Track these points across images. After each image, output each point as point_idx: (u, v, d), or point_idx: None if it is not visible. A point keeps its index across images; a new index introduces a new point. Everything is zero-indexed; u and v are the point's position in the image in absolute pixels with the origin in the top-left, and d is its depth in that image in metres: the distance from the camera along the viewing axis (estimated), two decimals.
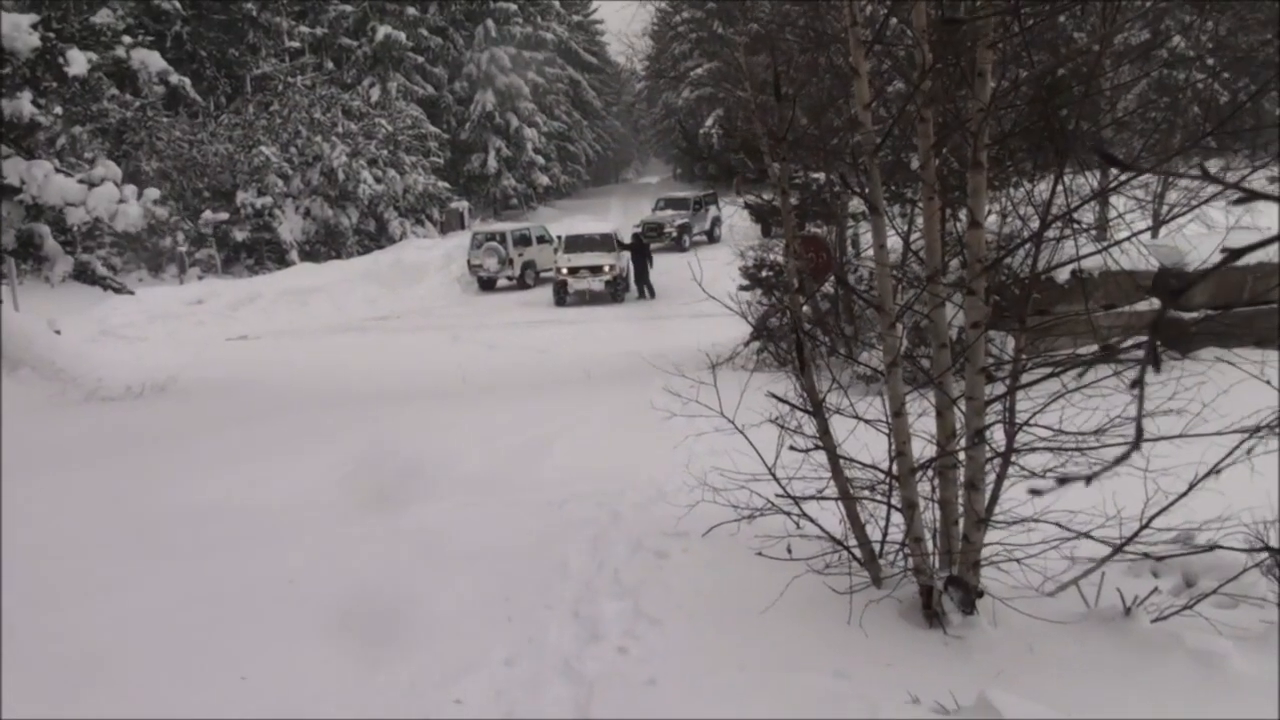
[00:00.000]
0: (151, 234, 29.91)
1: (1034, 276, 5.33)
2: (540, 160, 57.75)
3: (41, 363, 14.46)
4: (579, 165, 70.61)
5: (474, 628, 5.61)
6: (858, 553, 5.69)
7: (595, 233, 32.04)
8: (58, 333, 17.21)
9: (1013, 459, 5.43)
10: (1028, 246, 5.33)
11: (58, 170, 14.51)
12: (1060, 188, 4.99)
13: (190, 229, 35.05)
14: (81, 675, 5.26)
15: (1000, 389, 5.44)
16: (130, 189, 15.23)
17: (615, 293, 28.16)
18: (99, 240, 28.93)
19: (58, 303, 20.26)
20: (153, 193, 16.07)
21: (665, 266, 27.65)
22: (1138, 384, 1.60)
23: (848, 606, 5.28)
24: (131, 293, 18.90)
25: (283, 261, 38.38)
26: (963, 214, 5.71)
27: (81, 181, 14.67)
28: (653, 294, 27.89)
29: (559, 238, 32.84)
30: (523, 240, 33.08)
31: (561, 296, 28.38)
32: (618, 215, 53.00)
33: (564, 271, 28.83)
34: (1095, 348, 5.55)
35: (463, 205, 49.66)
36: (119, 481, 9.31)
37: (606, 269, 28.40)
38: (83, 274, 16.41)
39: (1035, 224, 5.48)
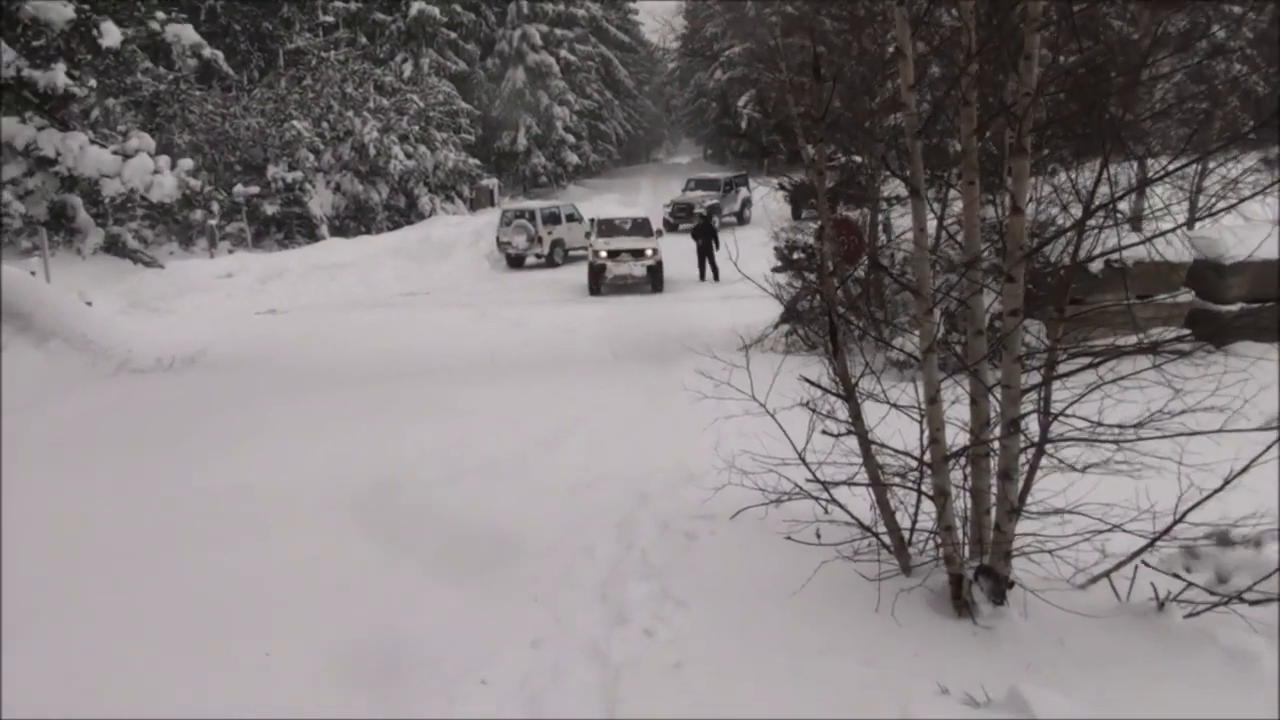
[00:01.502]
0: (185, 206, 30.03)
1: (1074, 265, 5.26)
2: (570, 139, 57.67)
3: (72, 334, 14.50)
4: (609, 144, 70.44)
5: (500, 609, 5.60)
6: (887, 540, 5.65)
7: (630, 216, 30.45)
8: (89, 304, 17.29)
9: (1047, 450, 5.37)
10: (1068, 235, 5.27)
11: (93, 142, 14.54)
12: (1105, 176, 4.91)
13: (224, 200, 35.14)
14: (107, 654, 5.27)
15: (1036, 378, 5.38)
16: (164, 160, 15.28)
17: (656, 281, 25.88)
18: (130, 213, 29.03)
19: (89, 275, 20.35)
20: (186, 164, 16.13)
21: (694, 247, 27.47)
22: None
23: (876, 594, 5.24)
24: (162, 266, 18.99)
25: (312, 236, 38.45)
26: (1000, 200, 5.66)
27: (116, 153, 14.71)
28: (717, 276, 27.00)
29: (591, 221, 31.65)
30: (552, 218, 33.02)
31: (598, 284, 26.00)
32: (648, 195, 52.90)
33: (602, 255, 26.42)
34: (1134, 339, 5.47)
35: (492, 182, 49.64)
36: (148, 456, 9.33)
37: (649, 252, 26.26)
38: (113, 246, 16.48)
39: (1074, 212, 5.42)
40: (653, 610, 5.47)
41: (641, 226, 28.60)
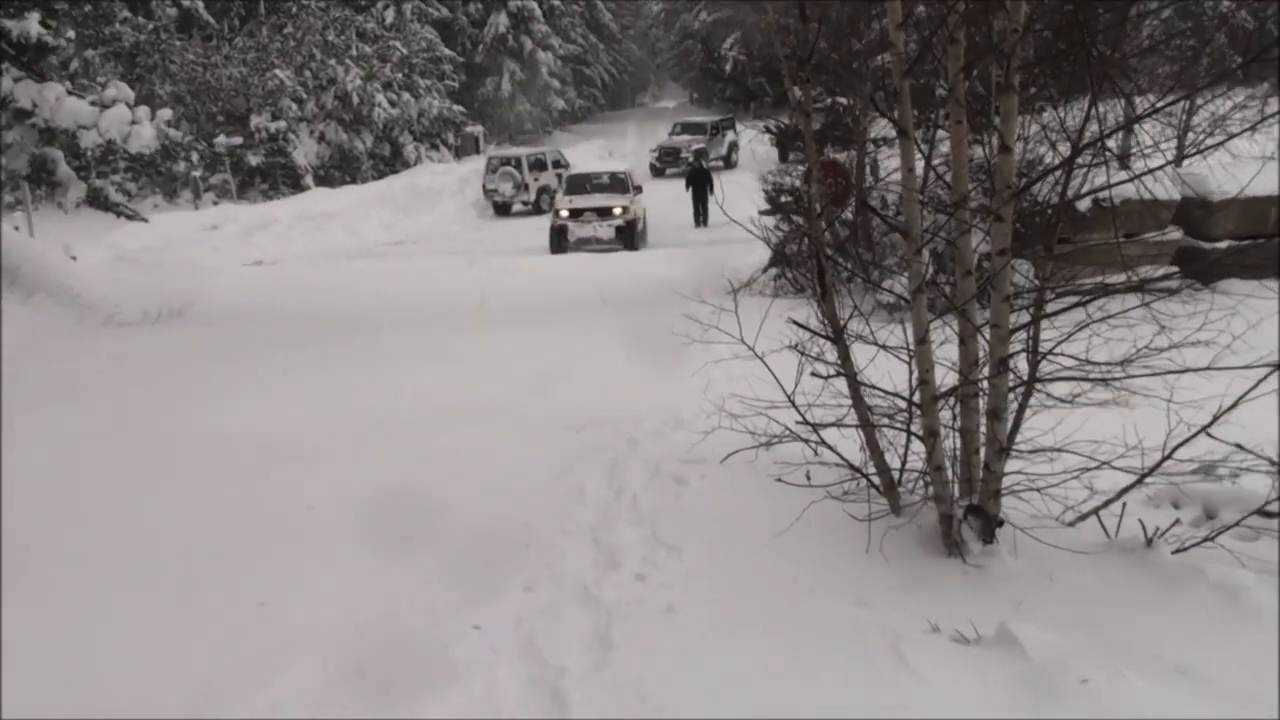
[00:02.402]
0: (165, 157, 29.76)
1: (1063, 204, 5.24)
2: (555, 84, 57.29)
3: (58, 289, 14.43)
4: (595, 89, 70.04)
5: (493, 554, 5.61)
6: (877, 481, 5.66)
7: (604, 171, 28.04)
8: (74, 259, 17.19)
9: (1036, 388, 5.38)
10: (1056, 174, 5.25)
11: (70, 93, 14.39)
12: (1093, 113, 4.88)
13: (204, 151, 34.85)
14: (96, 604, 5.27)
15: (1025, 318, 5.37)
16: (143, 111, 15.13)
17: (629, 240, 24.42)
18: (113, 165, 28.80)
19: (73, 229, 20.22)
20: (165, 114, 15.99)
21: (682, 192, 27.35)
22: None
23: (867, 534, 5.26)
24: (145, 220, 18.86)
25: (297, 186, 38.25)
26: (988, 139, 5.63)
27: (93, 104, 14.56)
28: (706, 221, 26.69)
29: (559, 177, 30.27)
30: (538, 165, 32.90)
31: (560, 244, 24.60)
32: (634, 140, 52.66)
33: (563, 215, 24.98)
34: (1121, 277, 5.47)
35: (478, 130, 49.36)
36: (138, 408, 9.32)
37: (618, 211, 24.62)
38: (96, 200, 16.33)
39: (1063, 150, 5.40)
40: (644, 554, 5.49)
41: (616, 182, 26.48)
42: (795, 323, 5.58)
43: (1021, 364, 5.34)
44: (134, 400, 9.64)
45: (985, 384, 5.15)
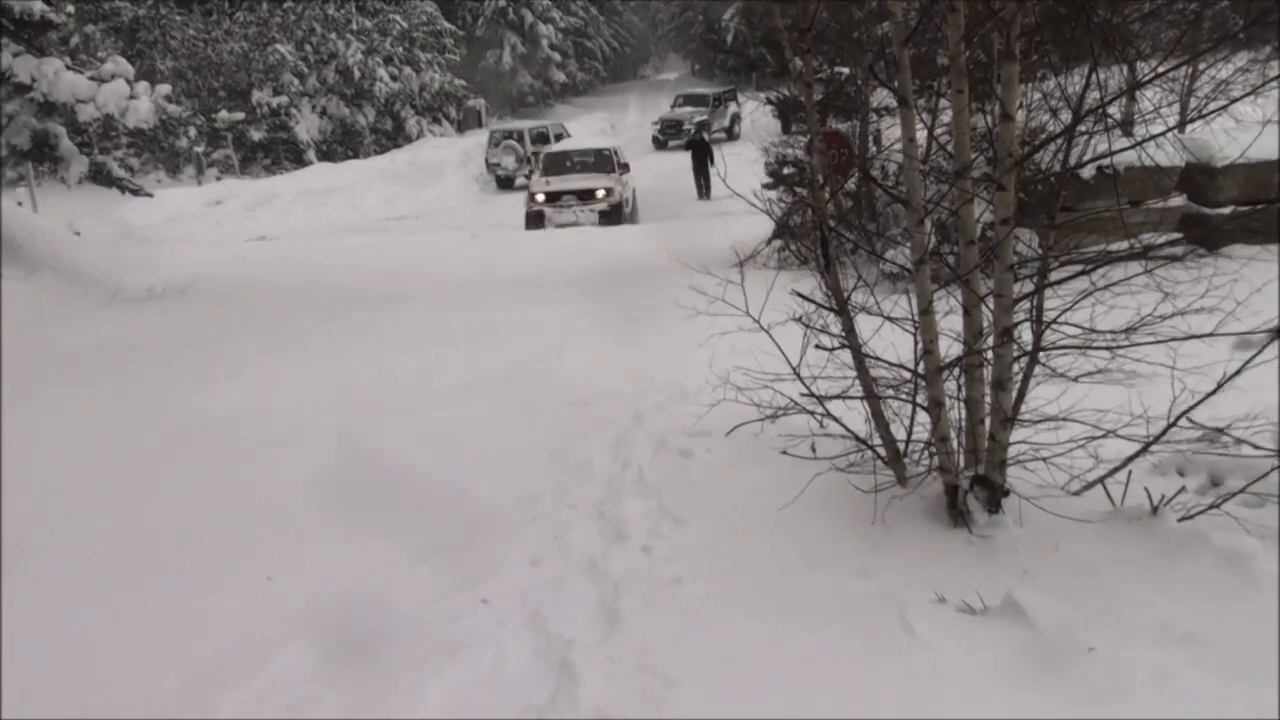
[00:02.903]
0: (165, 132, 29.73)
1: (1065, 171, 5.22)
2: (556, 57, 57.12)
3: (62, 265, 14.44)
4: (596, 62, 69.77)
5: (499, 528, 5.63)
6: (882, 452, 5.66)
7: (589, 148, 25.70)
8: (77, 234, 17.19)
9: (1040, 358, 5.37)
10: (1058, 141, 5.23)
11: (68, 68, 14.36)
12: (1094, 80, 4.86)
13: (203, 124, 34.77)
14: (98, 583, 5.30)
15: (1029, 287, 5.36)
16: (142, 85, 15.09)
17: (616, 224, 22.03)
18: (115, 141, 28.79)
19: (76, 205, 20.21)
20: (164, 88, 15.91)
21: (685, 165, 27.28)
22: None
23: (872, 506, 5.27)
24: (150, 195, 18.83)
25: (300, 161, 38.24)
26: (989, 108, 5.60)
27: (92, 78, 14.53)
28: (708, 194, 26.13)
29: (534, 156, 27.60)
30: (540, 138, 32.84)
31: (538, 228, 22.09)
32: (636, 113, 52.53)
33: (539, 199, 22.73)
34: (1125, 245, 5.45)
35: (479, 103, 49.23)
36: (141, 384, 9.34)
37: (601, 194, 22.58)
38: (99, 175, 16.31)
39: (1064, 118, 5.37)
40: (650, 527, 5.51)
41: (600, 160, 24.42)
42: (799, 295, 5.57)
43: (1026, 333, 5.33)
44: (137, 377, 9.66)
45: (990, 354, 5.14)
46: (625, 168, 24.65)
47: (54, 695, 4.25)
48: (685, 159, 27.58)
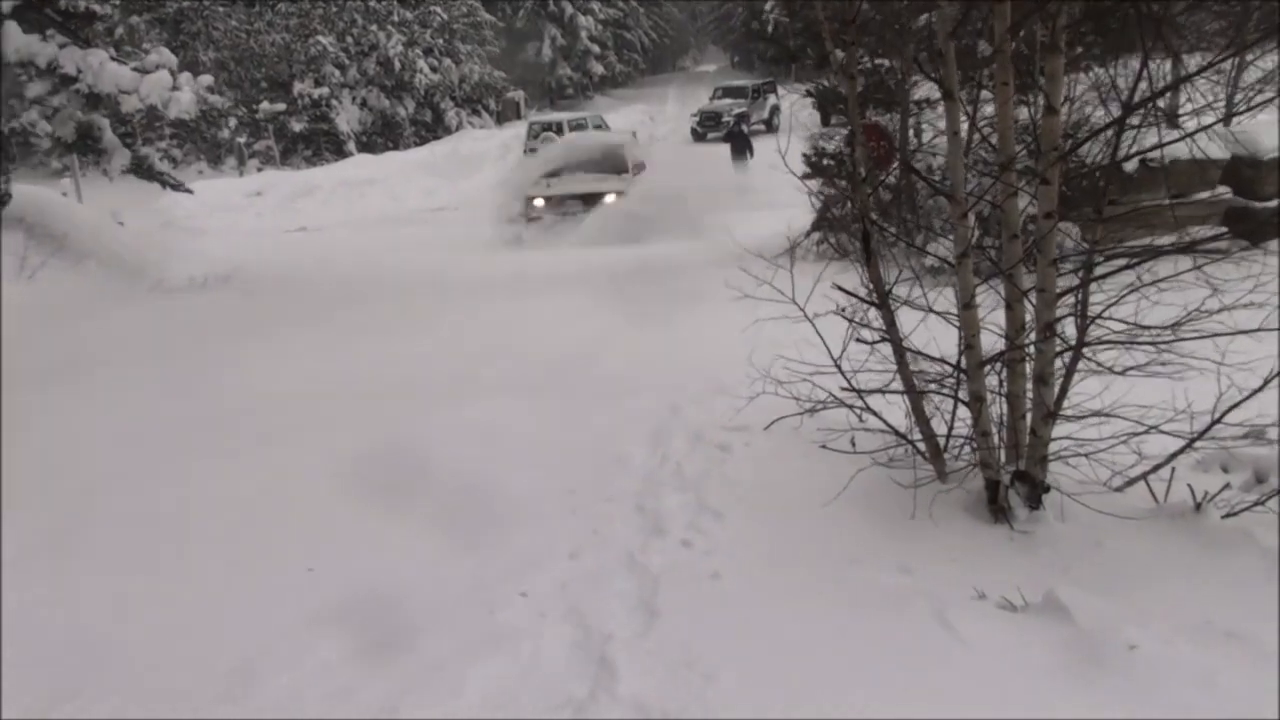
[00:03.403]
0: (207, 123, 29.95)
1: (1113, 165, 5.17)
2: (596, 49, 57.11)
3: (107, 255, 14.59)
4: (635, 54, 69.68)
5: (538, 520, 5.64)
6: (922, 447, 5.63)
7: (596, 144, 21.83)
8: (121, 225, 17.37)
9: (1084, 353, 5.33)
10: (1106, 134, 5.18)
11: (113, 59, 14.48)
12: (1145, 72, 4.81)
13: (244, 115, 35.01)
14: (143, 567, 5.35)
15: (1072, 281, 5.32)
16: (184, 76, 15.21)
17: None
18: (158, 132, 29.01)
19: (119, 196, 20.41)
20: (205, 79, 16.03)
21: (725, 154, 27.17)
22: None
23: (912, 501, 5.24)
24: (190, 190, 18.99)
25: (340, 153, 38.43)
26: (1033, 100, 5.56)
27: (136, 69, 14.65)
28: (747, 165, 25.36)
29: (533, 150, 23.41)
30: (579, 129, 32.75)
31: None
32: (674, 105, 52.38)
33: (538, 205, 19.16)
34: (1171, 239, 5.39)
35: (519, 95, 49.30)
36: (183, 372, 9.41)
37: (611, 199, 18.73)
38: (139, 168, 16.45)
39: (1113, 110, 5.32)
40: (689, 521, 5.50)
41: (610, 157, 20.44)
42: (840, 288, 5.55)
43: (1069, 328, 5.29)
44: (177, 365, 9.73)
45: (1032, 349, 5.11)
46: (640, 167, 20.58)
47: (102, 680, 4.30)
48: (723, 150, 27.42)
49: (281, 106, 37.23)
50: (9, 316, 9.97)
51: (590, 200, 18.72)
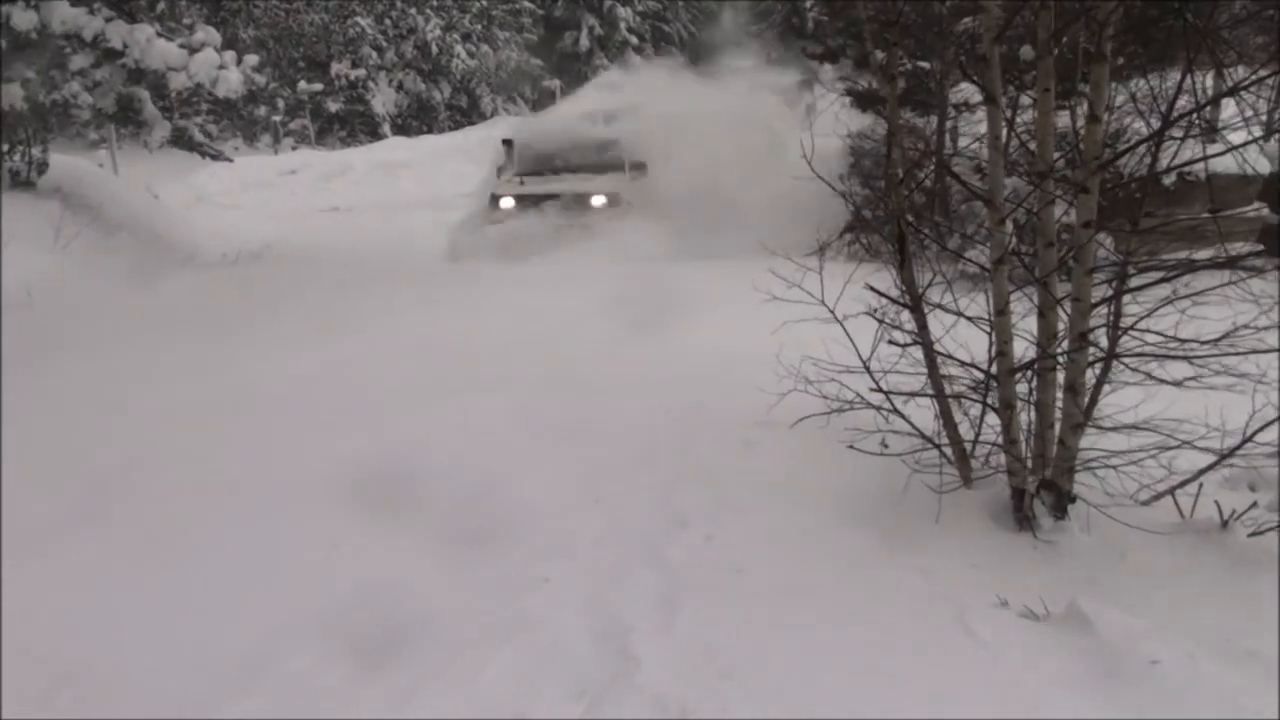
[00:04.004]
0: (250, 101, 30.07)
1: (1152, 176, 5.15)
2: (634, 40, 56.94)
3: (140, 228, 14.68)
4: (673, 46, 69.48)
5: (561, 509, 5.65)
6: (949, 451, 5.62)
7: (587, 137, 18.07)
8: (156, 198, 17.47)
9: (1116, 364, 5.31)
10: (1147, 145, 5.15)
11: (160, 35, 14.56)
12: (1186, 85, 4.78)
13: (288, 96, 35.18)
14: (178, 542, 5.37)
15: (1106, 291, 5.29)
16: (230, 55, 15.28)
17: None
18: (196, 107, 29.14)
19: (154, 168, 20.51)
20: (252, 59, 16.11)
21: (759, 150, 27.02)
22: None
23: (936, 505, 5.23)
24: (230, 159, 19.09)
25: (375, 134, 38.56)
26: (1074, 108, 5.53)
27: (183, 47, 14.73)
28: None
29: (506, 142, 18.55)
30: (612, 121, 32.60)
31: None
32: None
33: (506, 206, 16.21)
34: (1209, 253, 5.36)
35: (555, 84, 49.24)
36: (219, 344, 9.40)
37: (599, 202, 15.93)
38: (180, 140, 16.54)
39: (1153, 122, 5.29)
40: (711, 515, 5.49)
41: (604, 153, 17.35)
42: (873, 289, 5.54)
43: (1102, 339, 5.27)
44: (214, 337, 9.73)
45: (1063, 358, 5.09)
46: (640, 167, 16.83)
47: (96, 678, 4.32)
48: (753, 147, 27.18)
49: (318, 86, 37.39)
50: (45, 285, 10.01)
51: (574, 204, 15.84)
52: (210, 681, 4.07)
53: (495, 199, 16.44)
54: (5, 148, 14.77)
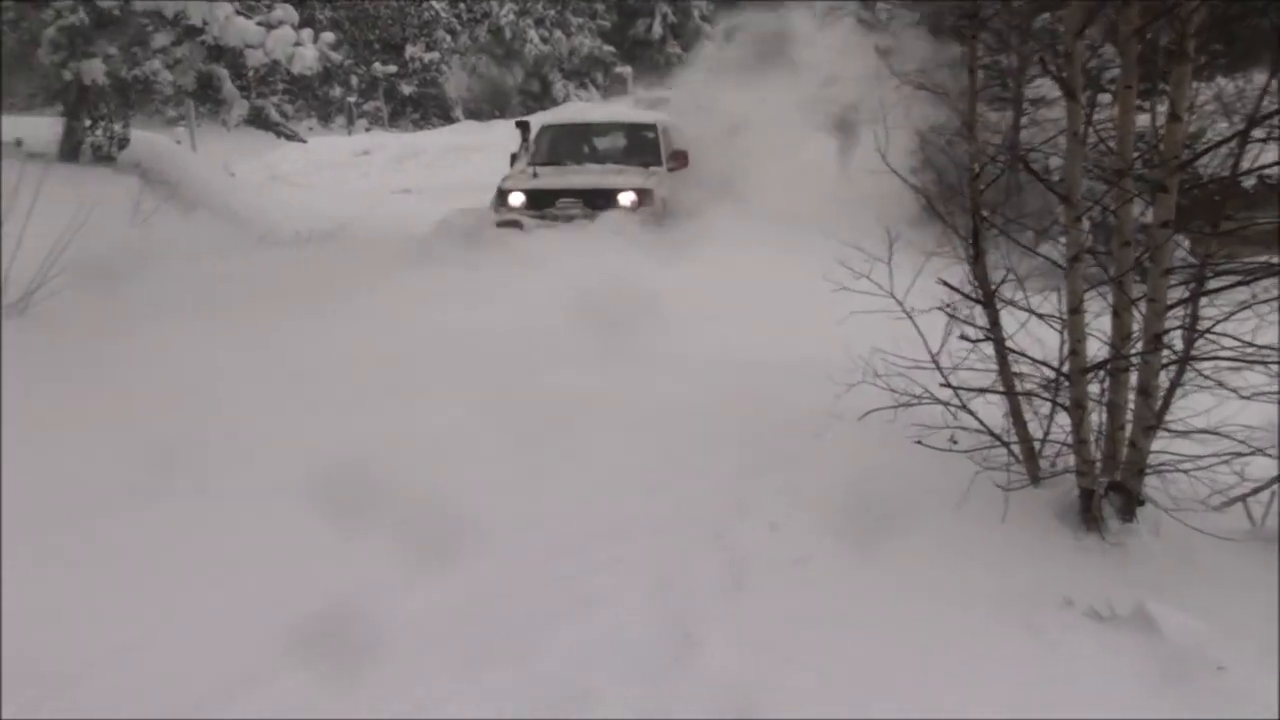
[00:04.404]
0: (324, 80, 30.38)
1: (1234, 177, 5.08)
2: (707, 28, 56.79)
3: (217, 205, 14.91)
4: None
5: (628, 491, 5.69)
6: (1017, 449, 5.59)
7: (616, 120, 16.75)
8: (232, 175, 17.74)
9: (1190, 366, 5.25)
10: (1229, 146, 5.08)
11: (238, 13, 14.77)
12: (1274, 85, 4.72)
13: (362, 75, 35.50)
14: (258, 508, 5.43)
15: (1183, 293, 5.23)
16: (307, 33, 15.48)
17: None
18: (272, 86, 29.49)
19: (230, 147, 20.80)
20: (328, 37, 16.32)
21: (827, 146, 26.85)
22: None
23: (1003, 503, 5.20)
24: (304, 140, 19.32)
25: (447, 118, 38.81)
26: (1154, 106, 5.47)
27: (260, 24, 14.93)
28: (848, 173, 24.22)
29: (521, 132, 16.60)
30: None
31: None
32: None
33: (516, 202, 13.94)
34: None
35: (626, 71, 49.27)
36: (296, 320, 9.45)
37: (627, 200, 13.47)
38: (257, 119, 16.78)
39: (1235, 122, 5.23)
40: (776, 504, 5.49)
41: (637, 142, 15.27)
42: (945, 284, 5.52)
43: (1177, 341, 5.22)
44: (291, 312, 9.79)
45: (1137, 359, 5.05)
46: (681, 158, 14.87)
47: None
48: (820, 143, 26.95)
49: (393, 69, 37.71)
50: (124, 259, 10.16)
51: (598, 200, 13.45)
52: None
53: (502, 195, 14.10)
54: (87, 123, 15.08)
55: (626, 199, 13.47)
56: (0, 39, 13.99)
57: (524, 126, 16.41)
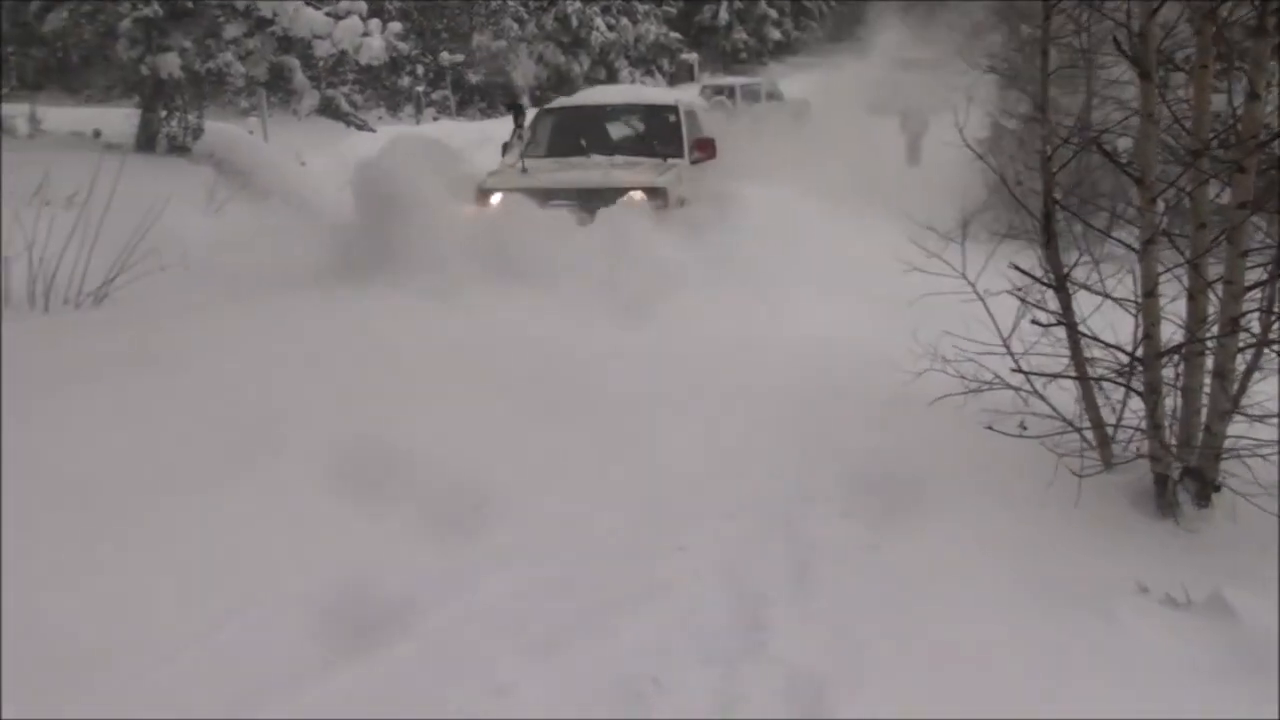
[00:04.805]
0: (392, 70, 30.59)
1: None
2: (773, 14, 56.59)
3: (290, 193, 15.08)
4: (813, 20, 68.81)
5: (696, 479, 5.69)
6: (1089, 435, 5.53)
7: (630, 102, 14.02)
8: (303, 165, 17.93)
9: (1267, 350, 5.17)
10: None
11: (307, 3, 14.93)
12: None
13: (429, 63, 35.73)
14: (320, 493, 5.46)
15: (1260, 276, 5.14)
16: (373, 23, 15.62)
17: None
18: (342, 76, 29.74)
19: (301, 137, 21.00)
20: (395, 26, 16.46)
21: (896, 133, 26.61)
22: None
23: (1076, 489, 5.14)
24: (374, 130, 19.45)
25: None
26: (1230, 85, 5.38)
27: (328, 14, 15.08)
28: (918, 159, 22.71)
29: (515, 114, 14.89)
30: (751, 95, 32.46)
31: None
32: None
33: (496, 202, 11.33)
34: None
35: (692, 58, 49.23)
36: (357, 307, 9.48)
37: (637, 197, 10.98)
38: (327, 109, 16.95)
39: None
40: (845, 491, 5.47)
41: (655, 130, 12.80)
42: (1017, 268, 5.47)
43: (1254, 324, 5.13)
44: (355, 300, 9.81)
45: (1213, 342, 4.97)
46: (707, 147, 12.38)
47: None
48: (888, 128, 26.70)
49: (460, 57, 37.91)
50: (199, 247, 10.30)
51: (597, 200, 10.88)
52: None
53: (483, 195, 11.56)
54: (163, 114, 15.34)
55: (638, 194, 11.05)
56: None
57: (518, 110, 14.52)
